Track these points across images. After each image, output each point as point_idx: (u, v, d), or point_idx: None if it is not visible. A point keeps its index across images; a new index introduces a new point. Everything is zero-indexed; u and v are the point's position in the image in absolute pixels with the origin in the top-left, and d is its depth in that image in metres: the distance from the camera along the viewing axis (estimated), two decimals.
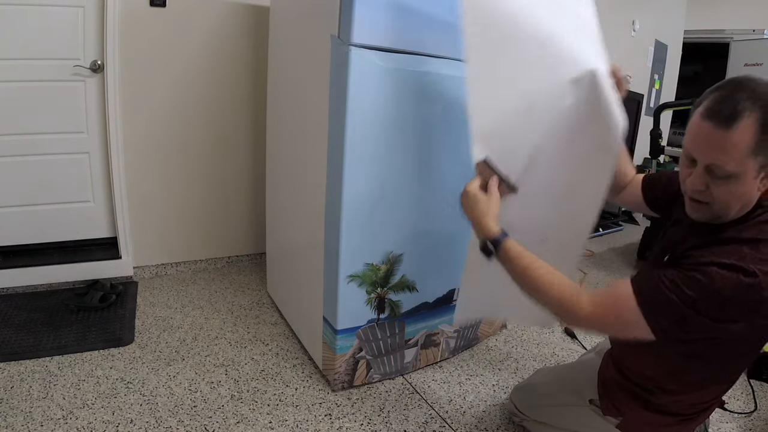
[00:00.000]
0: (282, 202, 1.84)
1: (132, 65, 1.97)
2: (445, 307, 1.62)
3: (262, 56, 2.22)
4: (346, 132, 1.24)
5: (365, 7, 1.19)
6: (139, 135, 2.06)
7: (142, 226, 2.16)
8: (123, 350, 1.61)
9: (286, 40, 1.69)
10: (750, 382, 1.71)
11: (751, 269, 0.73)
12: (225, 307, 1.99)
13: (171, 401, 1.38)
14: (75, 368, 1.49)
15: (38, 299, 1.89)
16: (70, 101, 1.93)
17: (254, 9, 2.17)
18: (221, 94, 2.20)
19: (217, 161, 2.27)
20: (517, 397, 1.36)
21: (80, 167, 2.02)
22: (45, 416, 1.26)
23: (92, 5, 1.87)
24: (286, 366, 1.61)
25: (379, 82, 1.25)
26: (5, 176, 1.90)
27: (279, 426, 1.32)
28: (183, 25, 2.03)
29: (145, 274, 2.22)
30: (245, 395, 1.44)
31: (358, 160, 1.28)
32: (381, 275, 1.43)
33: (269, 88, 1.91)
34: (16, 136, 1.88)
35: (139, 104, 2.02)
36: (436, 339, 1.65)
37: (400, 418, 1.39)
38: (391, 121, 1.31)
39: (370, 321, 1.46)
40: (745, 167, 0.76)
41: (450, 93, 1.39)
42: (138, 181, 2.10)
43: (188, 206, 2.25)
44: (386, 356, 1.54)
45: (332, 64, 1.27)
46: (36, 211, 2.00)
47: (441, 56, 1.36)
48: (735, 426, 1.46)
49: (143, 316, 1.86)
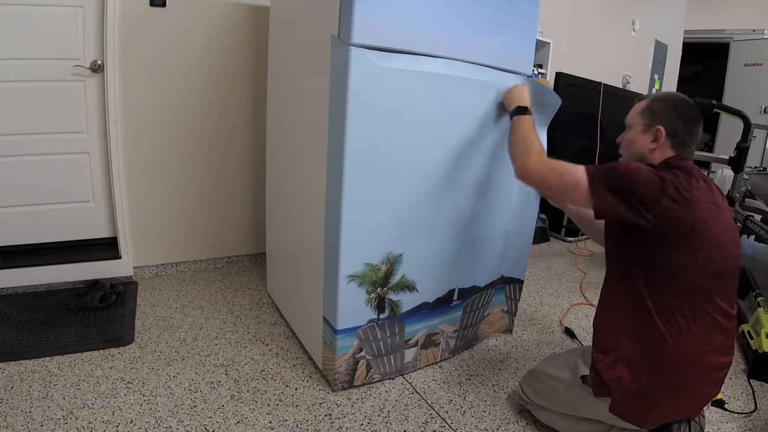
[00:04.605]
0: (282, 202, 1.84)
1: (132, 65, 1.97)
2: (445, 307, 1.62)
3: (262, 56, 2.22)
4: (346, 132, 1.24)
5: (365, 7, 1.20)
6: (139, 135, 2.06)
7: (142, 226, 2.16)
8: (123, 350, 1.61)
9: (286, 40, 1.69)
10: (750, 382, 1.71)
11: (660, 172, 1.10)
12: (225, 307, 1.99)
13: (171, 401, 1.38)
14: (75, 368, 1.49)
15: (38, 299, 1.89)
16: (70, 101, 1.93)
17: (254, 9, 2.17)
18: (221, 94, 2.20)
19: (217, 161, 2.27)
20: (525, 381, 1.43)
21: (80, 167, 2.02)
22: (45, 416, 1.26)
23: (92, 5, 1.87)
24: (286, 366, 1.61)
25: (379, 82, 1.25)
26: (5, 176, 1.90)
27: (279, 426, 1.32)
28: (183, 25, 2.03)
29: (145, 274, 2.22)
30: (245, 395, 1.44)
31: (358, 159, 1.28)
32: (381, 275, 1.43)
33: (269, 88, 1.91)
34: (16, 136, 1.88)
35: (139, 104, 2.02)
36: (436, 339, 1.65)
37: (400, 418, 1.39)
38: (391, 121, 1.31)
39: (370, 321, 1.46)
40: (635, 121, 1.25)
41: (450, 93, 1.40)
42: (138, 181, 2.10)
43: (188, 206, 2.26)
44: (386, 356, 1.54)
45: (332, 64, 1.27)
46: (36, 211, 2.00)
47: (441, 56, 1.36)
48: (735, 426, 1.46)
49: (143, 316, 1.86)
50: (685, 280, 1.07)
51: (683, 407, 1.12)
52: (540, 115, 1.57)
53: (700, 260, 1.07)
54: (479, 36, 1.45)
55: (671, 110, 1.19)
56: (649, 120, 1.21)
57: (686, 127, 1.19)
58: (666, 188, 1.06)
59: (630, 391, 1.10)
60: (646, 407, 1.09)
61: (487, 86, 1.48)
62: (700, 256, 1.07)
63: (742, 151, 2.11)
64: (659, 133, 1.18)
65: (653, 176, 1.07)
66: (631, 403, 1.10)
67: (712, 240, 1.07)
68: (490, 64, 1.48)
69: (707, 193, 1.10)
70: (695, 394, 1.11)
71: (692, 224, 1.05)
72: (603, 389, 1.13)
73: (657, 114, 1.20)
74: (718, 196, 1.15)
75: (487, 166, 1.57)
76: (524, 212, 1.76)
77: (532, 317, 2.14)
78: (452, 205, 1.52)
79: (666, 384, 1.08)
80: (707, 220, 1.07)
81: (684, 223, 1.05)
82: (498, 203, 1.65)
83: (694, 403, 1.13)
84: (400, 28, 1.27)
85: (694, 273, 1.07)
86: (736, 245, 1.14)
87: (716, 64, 4.82)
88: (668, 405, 1.09)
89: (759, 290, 2.28)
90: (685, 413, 1.14)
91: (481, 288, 1.72)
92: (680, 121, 1.18)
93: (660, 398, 1.08)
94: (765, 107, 4.41)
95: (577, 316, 2.20)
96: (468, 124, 1.47)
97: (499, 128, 1.56)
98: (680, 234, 1.06)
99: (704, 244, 1.07)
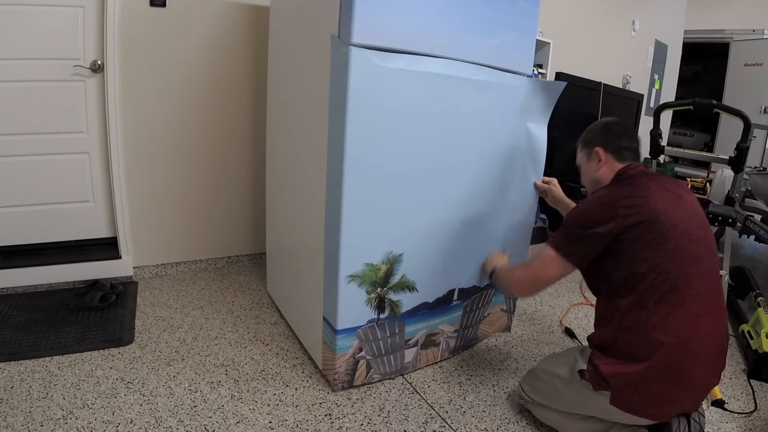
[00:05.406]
0: (282, 202, 1.84)
1: (132, 65, 1.97)
2: (445, 307, 1.62)
3: (262, 56, 2.22)
4: (346, 131, 1.24)
5: (365, 7, 1.20)
6: (139, 135, 2.06)
7: (142, 226, 2.16)
8: (123, 350, 1.61)
9: (286, 40, 1.69)
10: (750, 382, 1.71)
11: (606, 192, 1.24)
12: (225, 307, 1.99)
13: (171, 401, 1.38)
14: (75, 368, 1.49)
15: (38, 299, 1.89)
16: (70, 101, 1.93)
17: (254, 9, 2.17)
18: (221, 94, 2.20)
19: (217, 161, 2.27)
20: (524, 380, 1.44)
21: (80, 167, 2.02)
22: (45, 416, 1.26)
23: (92, 5, 1.87)
24: (286, 366, 1.61)
25: (379, 82, 1.25)
26: (5, 176, 1.90)
27: (279, 426, 1.32)
28: (183, 25, 2.03)
29: (145, 274, 2.22)
30: (245, 395, 1.44)
31: (358, 159, 1.28)
32: (381, 275, 1.43)
33: (269, 88, 1.91)
34: (16, 136, 1.88)
35: (139, 104, 2.02)
36: (436, 339, 1.65)
37: (400, 418, 1.39)
38: (391, 121, 1.31)
39: (370, 321, 1.46)
40: (580, 157, 1.44)
41: (450, 93, 1.40)
42: (138, 181, 2.10)
43: (188, 206, 2.26)
44: (386, 356, 1.54)
45: (332, 64, 1.27)
46: (36, 211, 2.00)
47: (441, 56, 1.36)
48: (735, 426, 1.46)
49: (143, 316, 1.86)
50: (661, 271, 1.12)
51: (682, 396, 1.12)
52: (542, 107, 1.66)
53: (670, 249, 1.13)
54: (479, 36, 1.45)
55: (598, 131, 1.40)
56: (587, 148, 1.41)
57: (616, 136, 1.35)
58: (616, 201, 1.18)
59: (628, 382, 1.11)
60: (645, 397, 1.11)
61: (487, 86, 1.48)
62: (668, 246, 1.13)
63: (742, 151, 2.11)
64: (598, 153, 1.36)
65: (600, 201, 1.21)
66: (630, 395, 1.12)
67: (676, 228, 1.15)
68: (490, 64, 1.48)
69: (660, 188, 1.21)
70: (692, 381, 1.12)
71: (652, 219, 1.14)
72: (601, 383, 1.15)
73: (590, 140, 1.41)
74: (677, 188, 1.26)
75: (487, 165, 1.57)
76: (524, 212, 1.76)
77: (532, 317, 2.14)
78: (452, 204, 1.52)
79: (662, 372, 1.09)
80: (666, 211, 1.16)
81: (646, 221, 1.14)
82: (498, 203, 1.65)
83: (693, 391, 1.14)
84: (400, 28, 1.27)
85: (667, 262, 1.12)
86: (704, 230, 1.22)
87: (716, 64, 4.82)
88: (666, 394, 1.10)
89: (759, 290, 2.28)
90: (686, 403, 1.14)
91: (481, 288, 1.72)
92: (610, 135, 1.37)
93: (657, 387, 1.10)
94: (765, 107, 4.40)
95: (577, 316, 2.20)
96: (468, 124, 1.47)
97: (499, 128, 1.56)
98: (646, 230, 1.14)
99: (670, 233, 1.14)
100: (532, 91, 1.62)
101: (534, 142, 1.68)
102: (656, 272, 1.12)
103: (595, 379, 1.16)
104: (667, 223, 1.14)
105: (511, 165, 1.63)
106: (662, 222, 1.14)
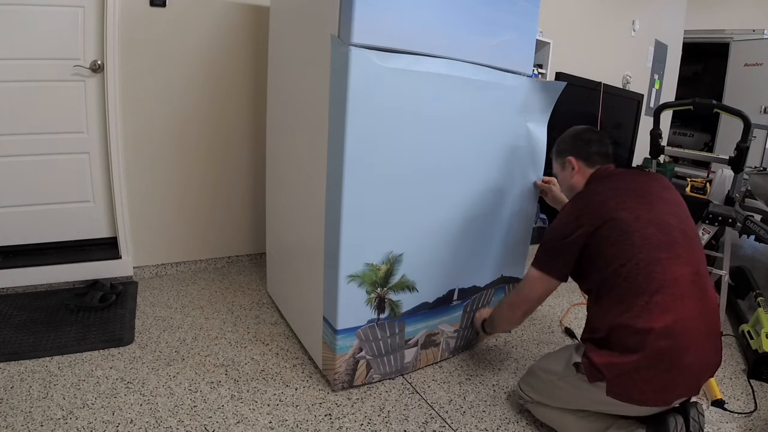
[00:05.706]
0: (282, 202, 1.84)
1: (132, 65, 1.97)
2: (445, 307, 1.62)
3: (262, 56, 2.22)
4: (346, 132, 1.24)
5: (365, 7, 1.19)
6: (139, 135, 2.06)
7: (142, 226, 2.16)
8: (123, 350, 1.61)
9: (286, 40, 1.69)
10: (750, 382, 1.71)
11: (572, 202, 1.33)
12: (225, 307, 1.99)
13: (171, 401, 1.38)
14: (75, 368, 1.49)
15: (38, 299, 1.89)
16: (70, 101, 1.93)
17: (254, 9, 2.17)
18: (221, 94, 2.20)
19: (217, 161, 2.27)
20: (523, 380, 1.45)
21: (80, 167, 2.02)
22: (45, 416, 1.26)
23: (92, 5, 1.87)
24: (286, 366, 1.61)
25: (379, 82, 1.25)
26: (5, 176, 1.90)
27: (279, 426, 1.32)
28: (183, 25, 2.03)
29: (145, 274, 2.22)
30: (245, 395, 1.44)
31: (358, 159, 1.28)
32: (381, 275, 1.43)
33: (269, 88, 1.91)
34: (16, 136, 1.88)
35: (139, 104, 2.02)
36: (436, 339, 1.65)
37: (400, 418, 1.39)
38: (391, 121, 1.31)
39: (370, 321, 1.46)
40: (555, 167, 1.53)
41: (450, 92, 1.40)
42: (138, 181, 2.10)
43: (188, 206, 2.26)
44: (386, 356, 1.54)
45: (332, 64, 1.27)
46: (36, 211, 2.00)
47: (441, 56, 1.36)
48: (735, 426, 1.46)
49: (143, 316, 1.86)
50: (632, 262, 1.16)
51: (677, 380, 1.12)
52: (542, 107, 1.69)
53: (637, 240, 1.18)
54: (479, 36, 1.45)
55: (568, 141, 1.48)
56: (560, 158, 1.49)
57: (586, 143, 1.43)
58: (578, 210, 1.27)
59: (621, 371, 1.12)
60: (640, 385, 1.11)
61: (487, 86, 1.48)
62: (634, 237, 1.18)
63: (742, 151, 2.11)
64: (570, 162, 1.44)
65: (568, 212, 1.30)
66: (625, 384, 1.12)
67: (639, 219, 1.20)
68: (490, 64, 1.48)
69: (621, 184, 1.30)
70: (686, 365, 1.12)
71: (613, 217, 1.21)
72: (596, 374, 1.15)
73: (561, 150, 1.49)
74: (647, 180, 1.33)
75: (487, 165, 1.57)
76: (524, 212, 1.76)
77: (532, 317, 2.14)
78: (452, 204, 1.52)
79: (653, 359, 1.10)
80: (625, 206, 1.22)
81: (608, 220, 1.21)
82: (498, 203, 1.65)
83: (688, 375, 1.13)
84: (400, 28, 1.27)
85: (636, 252, 1.17)
86: (678, 217, 1.26)
87: (716, 64, 4.81)
88: (660, 380, 1.11)
89: (759, 290, 2.28)
90: (683, 388, 1.14)
91: (481, 288, 1.72)
92: (579, 142, 1.44)
93: (650, 374, 1.10)
94: (765, 107, 4.40)
95: (577, 316, 2.20)
96: (468, 123, 1.47)
97: (499, 128, 1.56)
98: (609, 229, 1.20)
99: (632, 225, 1.19)
100: (532, 91, 1.62)
101: (534, 142, 1.68)
102: (629, 265, 1.16)
103: (590, 371, 1.17)
104: (629, 217, 1.20)
105: (511, 165, 1.63)
106: (622, 218, 1.20)
